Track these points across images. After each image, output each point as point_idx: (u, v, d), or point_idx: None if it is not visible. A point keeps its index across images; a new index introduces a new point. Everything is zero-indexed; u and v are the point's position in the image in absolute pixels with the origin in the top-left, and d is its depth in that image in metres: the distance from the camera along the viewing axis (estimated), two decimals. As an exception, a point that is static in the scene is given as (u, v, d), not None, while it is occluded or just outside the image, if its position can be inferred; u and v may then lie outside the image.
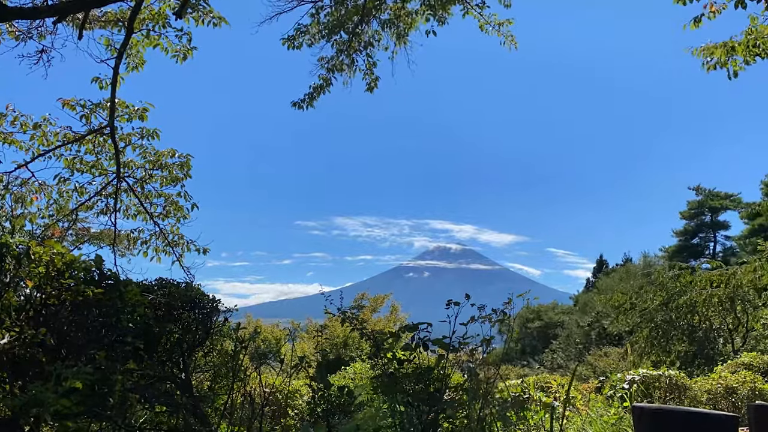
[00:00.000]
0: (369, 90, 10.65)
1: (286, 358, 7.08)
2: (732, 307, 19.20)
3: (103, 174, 10.42)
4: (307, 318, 29.29)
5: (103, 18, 9.59)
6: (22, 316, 5.19)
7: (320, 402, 6.58)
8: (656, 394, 10.47)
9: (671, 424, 4.74)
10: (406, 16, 10.15)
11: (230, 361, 6.66)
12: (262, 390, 6.87)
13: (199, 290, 6.59)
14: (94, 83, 9.51)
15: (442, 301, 6.08)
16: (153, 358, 5.84)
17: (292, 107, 10.45)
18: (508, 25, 10.27)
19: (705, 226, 55.89)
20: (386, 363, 6.08)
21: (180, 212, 10.77)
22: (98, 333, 5.49)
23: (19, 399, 4.41)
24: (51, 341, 5.15)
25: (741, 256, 44.92)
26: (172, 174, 10.60)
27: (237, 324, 6.76)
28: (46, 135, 9.79)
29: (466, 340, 5.99)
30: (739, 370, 11.77)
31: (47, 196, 10.28)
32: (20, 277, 5.20)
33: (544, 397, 8.70)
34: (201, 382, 6.90)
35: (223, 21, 9.54)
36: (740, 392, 10.70)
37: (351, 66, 10.38)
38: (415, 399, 5.82)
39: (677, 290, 20.36)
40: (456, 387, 6.09)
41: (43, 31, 9.26)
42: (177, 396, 6.14)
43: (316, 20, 10.08)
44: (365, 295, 28.64)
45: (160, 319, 6.06)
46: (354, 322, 6.58)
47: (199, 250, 10.70)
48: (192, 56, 9.74)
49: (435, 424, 5.74)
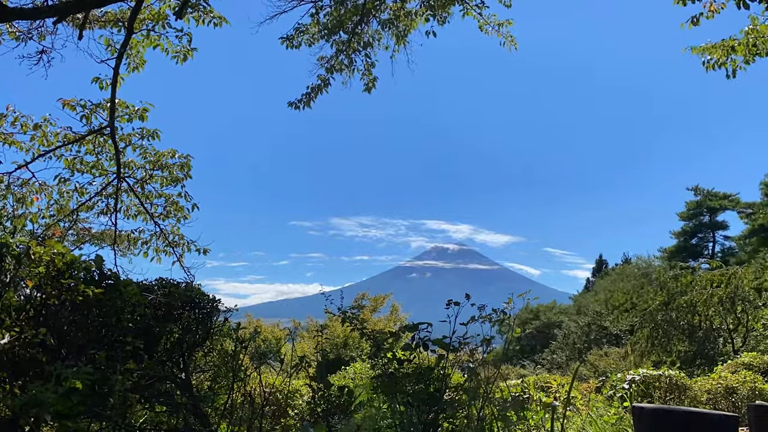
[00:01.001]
0: (367, 90, 10.64)
1: (286, 357, 7.08)
2: (732, 307, 19.22)
3: (103, 174, 10.42)
4: (308, 317, 29.30)
5: (103, 18, 9.59)
6: (22, 316, 5.19)
7: (320, 402, 6.59)
8: (656, 394, 10.47)
9: (671, 424, 4.74)
10: (406, 16, 10.15)
11: (230, 361, 6.67)
12: (262, 390, 6.87)
13: (199, 290, 6.60)
14: (95, 83, 9.50)
15: (441, 301, 6.09)
16: (153, 358, 5.84)
17: (288, 107, 10.42)
18: (508, 26, 10.26)
19: (704, 226, 55.81)
20: (386, 363, 6.08)
21: (180, 212, 10.77)
22: (98, 333, 5.50)
23: (19, 399, 4.41)
24: (51, 341, 5.15)
25: (740, 256, 44.92)
26: (173, 174, 10.60)
27: (237, 324, 6.77)
28: (46, 135, 9.78)
29: (466, 340, 6.00)
30: (739, 370, 11.78)
31: (48, 196, 10.28)
32: (20, 277, 5.20)
33: (544, 397, 8.71)
34: (201, 382, 6.91)
35: (224, 21, 9.53)
36: (740, 392, 10.71)
37: (350, 66, 10.37)
38: (415, 399, 5.82)
39: (678, 290, 20.39)
40: (456, 387, 6.09)
41: (43, 32, 9.25)
42: (177, 396, 6.15)
43: (315, 20, 10.08)
44: (365, 295, 28.64)
45: (160, 319, 6.06)
46: (354, 322, 6.59)
47: (200, 251, 10.70)
48: (192, 57, 9.73)
49: (435, 424, 5.74)
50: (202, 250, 10.70)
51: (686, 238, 56.07)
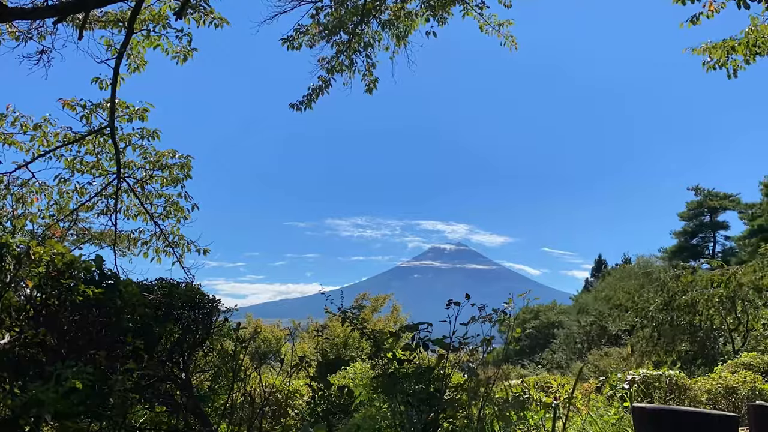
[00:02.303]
0: (368, 91, 10.63)
1: (286, 358, 7.08)
2: (733, 307, 19.22)
3: (103, 174, 10.42)
4: (308, 317, 29.29)
5: (103, 18, 9.59)
6: (22, 316, 5.19)
7: (320, 402, 6.59)
8: (656, 394, 10.47)
9: (671, 424, 4.74)
10: (406, 16, 10.13)
11: (230, 361, 6.67)
12: (262, 390, 6.87)
13: (199, 290, 6.59)
14: (95, 83, 9.50)
15: (441, 301, 6.09)
16: (153, 358, 5.84)
17: (289, 109, 10.38)
18: (508, 26, 10.24)
19: (704, 226, 55.77)
20: (386, 363, 6.09)
21: (180, 213, 10.77)
22: (98, 333, 5.50)
23: (20, 399, 4.41)
24: (51, 341, 5.15)
25: (741, 256, 44.89)
26: (173, 174, 10.60)
27: (237, 324, 6.77)
28: (46, 135, 9.78)
29: (466, 340, 6.00)
30: (739, 370, 11.77)
31: (48, 196, 10.28)
32: (21, 277, 5.20)
33: (545, 397, 8.70)
34: (201, 382, 6.91)
35: (224, 22, 9.53)
36: (740, 392, 10.70)
37: (350, 67, 10.36)
38: (415, 399, 5.82)
39: (678, 290, 20.39)
40: (456, 387, 6.09)
41: (43, 32, 9.25)
42: (177, 396, 6.15)
43: (316, 21, 10.07)
44: (366, 295, 28.63)
45: (160, 319, 6.06)
46: (355, 322, 6.59)
47: (200, 251, 10.70)
48: (192, 57, 9.73)
49: (435, 424, 5.74)
50: (202, 251, 10.70)
51: (687, 238, 56.03)
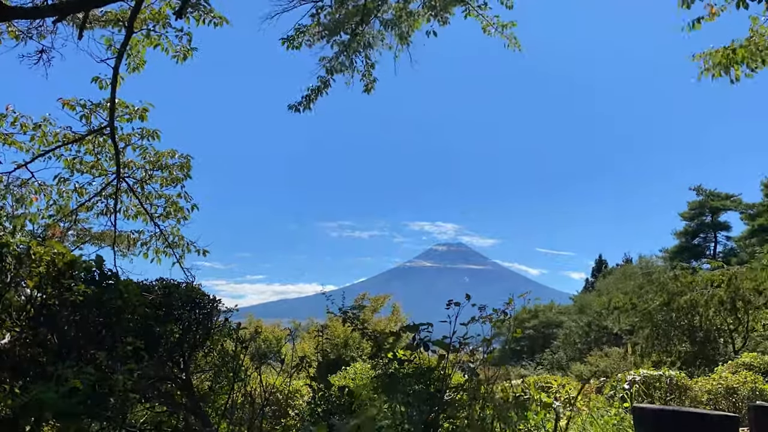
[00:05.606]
0: (366, 91, 10.60)
1: (286, 358, 7.08)
2: (733, 308, 19.21)
3: (103, 174, 10.40)
4: (308, 318, 29.31)
5: (103, 18, 9.58)
6: (23, 316, 5.18)
7: (321, 402, 6.58)
8: (657, 394, 10.47)
9: (671, 424, 4.74)
10: (408, 16, 10.11)
11: (231, 361, 6.66)
12: (263, 390, 6.87)
13: (199, 290, 6.59)
14: (94, 83, 9.49)
15: (441, 301, 6.08)
16: (153, 358, 5.83)
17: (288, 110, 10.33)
18: (512, 27, 10.19)
19: (706, 226, 55.75)
20: (387, 363, 6.08)
21: (180, 213, 10.75)
22: (98, 333, 5.49)
23: (20, 399, 4.41)
24: (51, 341, 5.15)
25: (742, 256, 44.89)
26: (173, 175, 10.58)
27: (237, 324, 6.76)
28: (46, 135, 9.76)
29: (466, 341, 5.99)
30: (739, 371, 11.78)
31: (47, 196, 10.26)
32: (21, 277, 5.19)
33: (545, 398, 8.69)
34: (201, 382, 6.90)
35: (224, 21, 9.51)
36: (741, 392, 10.70)
37: (350, 67, 10.33)
38: (416, 399, 5.81)
39: (678, 290, 20.37)
40: (456, 387, 6.08)
41: (43, 31, 9.24)
42: (177, 396, 6.15)
43: (316, 20, 10.05)
44: (366, 295, 28.65)
45: (161, 319, 6.06)
46: (355, 322, 6.58)
47: (200, 252, 10.69)
48: (192, 56, 9.72)
49: (435, 424, 5.73)
50: (201, 252, 10.69)
51: (688, 238, 56.01)
